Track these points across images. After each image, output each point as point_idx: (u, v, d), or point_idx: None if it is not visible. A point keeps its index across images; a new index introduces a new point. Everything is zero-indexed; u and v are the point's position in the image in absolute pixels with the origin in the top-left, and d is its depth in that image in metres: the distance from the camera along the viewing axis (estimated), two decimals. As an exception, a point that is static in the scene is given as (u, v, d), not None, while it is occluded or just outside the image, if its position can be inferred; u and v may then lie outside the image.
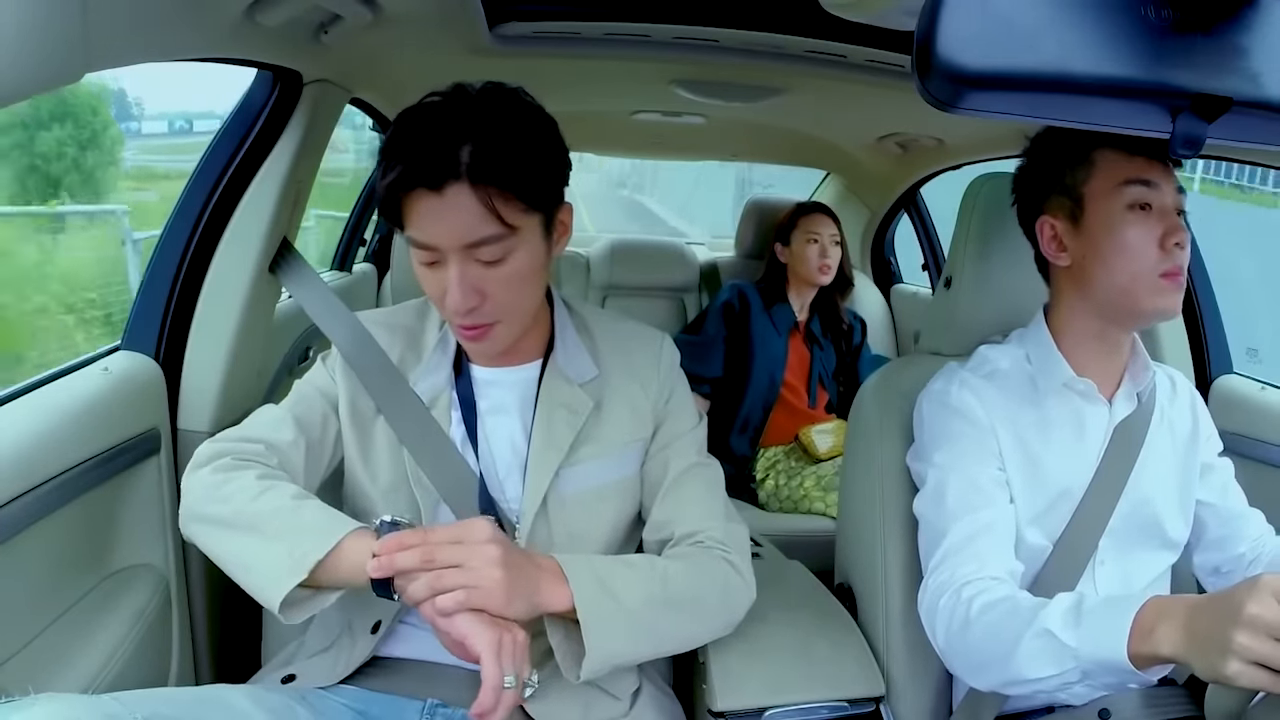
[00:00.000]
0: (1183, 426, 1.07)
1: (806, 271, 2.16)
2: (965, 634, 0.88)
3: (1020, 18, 0.51)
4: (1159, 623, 0.73)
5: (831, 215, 2.22)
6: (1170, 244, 0.92)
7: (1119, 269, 0.94)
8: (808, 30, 1.34)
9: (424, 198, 0.81)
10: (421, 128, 0.82)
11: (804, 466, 2.02)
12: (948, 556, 0.94)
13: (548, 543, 0.94)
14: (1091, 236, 0.95)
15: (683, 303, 2.66)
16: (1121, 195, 0.93)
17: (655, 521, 0.98)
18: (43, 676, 0.92)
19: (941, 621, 0.91)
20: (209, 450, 0.91)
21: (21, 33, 0.60)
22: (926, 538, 1.00)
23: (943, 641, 0.92)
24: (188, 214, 1.21)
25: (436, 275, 0.86)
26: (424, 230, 0.83)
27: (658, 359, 1.02)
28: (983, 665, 0.88)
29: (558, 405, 0.96)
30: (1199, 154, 0.64)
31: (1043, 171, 1.00)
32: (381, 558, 0.77)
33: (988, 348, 1.07)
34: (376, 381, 0.96)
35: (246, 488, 0.84)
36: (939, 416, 1.02)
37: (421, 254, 0.86)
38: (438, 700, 0.92)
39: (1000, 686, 0.87)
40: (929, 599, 0.94)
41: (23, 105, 0.85)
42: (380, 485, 0.94)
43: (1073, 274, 0.99)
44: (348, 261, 2.32)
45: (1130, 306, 0.95)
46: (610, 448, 0.97)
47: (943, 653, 0.93)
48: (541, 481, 0.93)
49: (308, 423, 0.95)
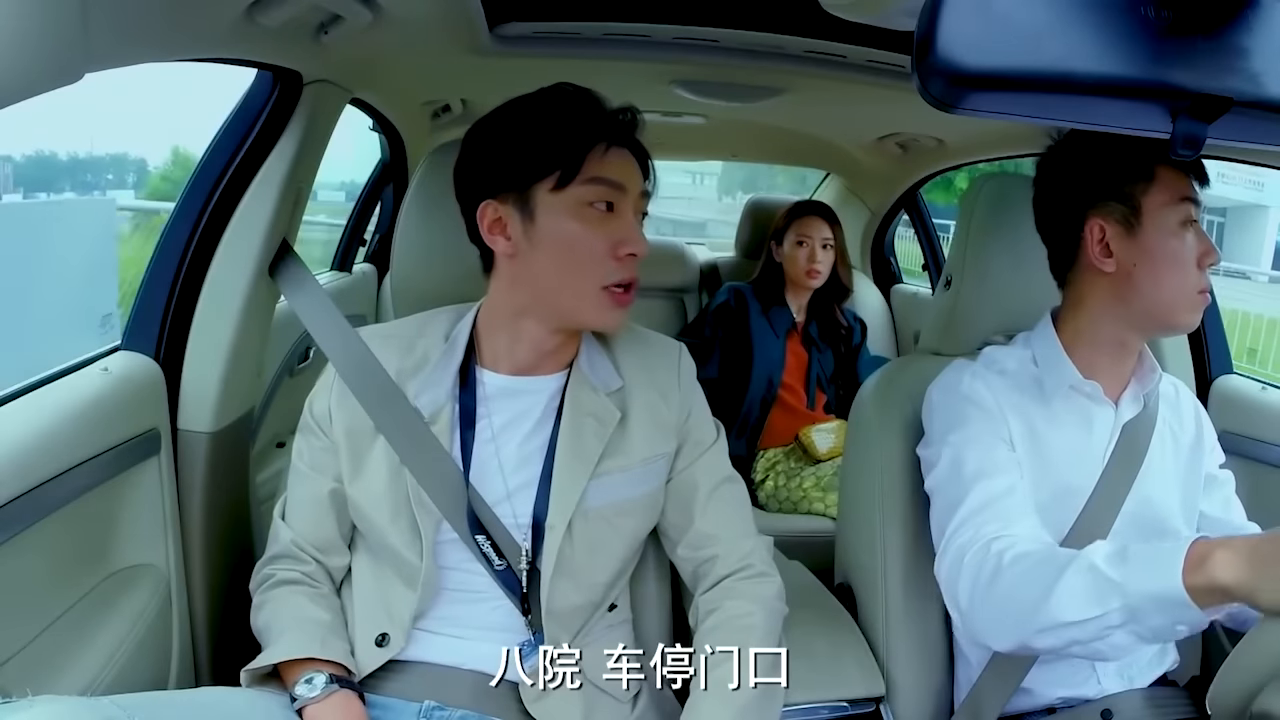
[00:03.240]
0: (1186, 433, 1.07)
1: (795, 274, 2.15)
2: (994, 585, 0.85)
3: (1020, 18, 0.51)
4: (1214, 550, 0.71)
5: (827, 217, 2.18)
6: (1206, 263, 0.95)
7: (1168, 283, 0.95)
8: (808, 30, 1.34)
9: (608, 149, 0.90)
10: (589, 97, 0.92)
11: (803, 467, 2.02)
12: (968, 519, 0.92)
13: (570, 560, 0.93)
14: (1146, 248, 0.96)
15: (682, 303, 2.66)
16: (1177, 212, 0.95)
17: (692, 539, 0.99)
18: (43, 677, 0.92)
19: (966, 578, 0.88)
20: (258, 577, 0.99)
21: (21, 33, 0.60)
22: (940, 508, 0.98)
23: (965, 601, 0.89)
24: (188, 214, 1.21)
25: (605, 225, 0.89)
26: (614, 169, 0.90)
27: (677, 370, 1.01)
28: (1012, 616, 0.83)
29: (585, 415, 0.94)
30: (1199, 154, 0.64)
31: (1095, 175, 0.98)
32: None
33: (994, 349, 1.07)
34: (373, 396, 0.95)
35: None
36: (951, 403, 1.01)
37: (603, 191, 0.89)
38: (435, 702, 0.91)
39: (1029, 640, 0.83)
40: (949, 562, 0.92)
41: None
42: (380, 506, 0.94)
43: (1114, 281, 0.98)
44: (348, 262, 2.32)
45: (1166, 319, 0.98)
46: (635, 461, 0.96)
47: (965, 614, 0.89)
48: (570, 495, 0.92)
49: (335, 492, 0.97)
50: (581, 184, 0.88)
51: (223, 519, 1.25)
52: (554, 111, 0.91)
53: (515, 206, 0.90)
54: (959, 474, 0.96)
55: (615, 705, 0.95)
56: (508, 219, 0.90)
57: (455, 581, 0.94)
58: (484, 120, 0.95)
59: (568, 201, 0.88)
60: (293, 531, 0.98)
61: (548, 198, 0.89)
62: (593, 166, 0.89)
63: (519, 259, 0.91)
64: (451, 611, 0.94)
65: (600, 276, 0.90)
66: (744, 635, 0.91)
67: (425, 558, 0.91)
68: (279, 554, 0.98)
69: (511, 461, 0.95)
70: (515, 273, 0.93)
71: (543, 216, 0.89)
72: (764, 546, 1.00)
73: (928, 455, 1.03)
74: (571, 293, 0.91)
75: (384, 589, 0.95)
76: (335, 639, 0.92)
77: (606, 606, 0.99)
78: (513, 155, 0.90)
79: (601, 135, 0.90)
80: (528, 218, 0.89)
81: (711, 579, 0.98)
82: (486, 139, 0.93)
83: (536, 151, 0.89)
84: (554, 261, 0.90)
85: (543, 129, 0.90)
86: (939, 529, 0.97)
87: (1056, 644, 0.81)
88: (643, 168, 0.94)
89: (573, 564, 0.93)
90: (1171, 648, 1.07)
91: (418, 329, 1.00)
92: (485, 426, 0.95)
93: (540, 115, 0.91)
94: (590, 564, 0.94)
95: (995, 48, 0.51)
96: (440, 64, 1.45)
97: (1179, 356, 1.56)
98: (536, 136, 0.89)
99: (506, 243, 0.91)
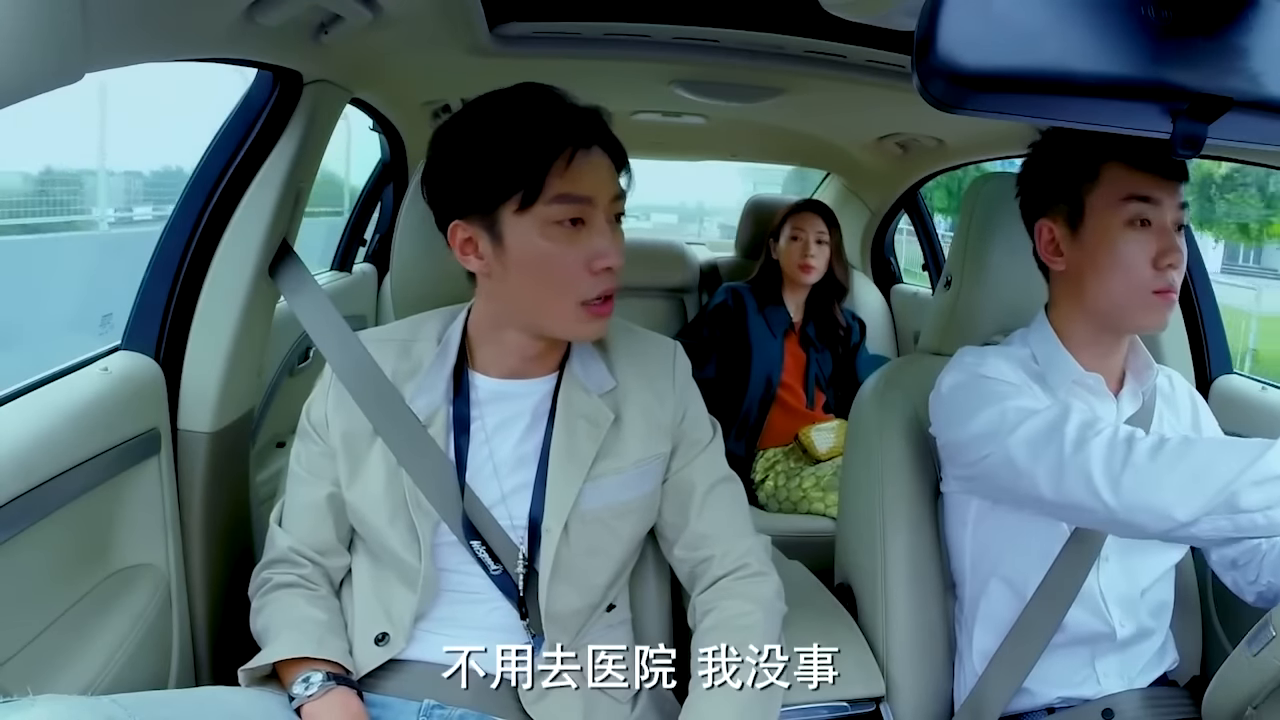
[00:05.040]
0: (1183, 426, 1.07)
1: (790, 268, 2.15)
2: (1159, 459, 0.82)
3: (1020, 18, 0.51)
4: None
5: (824, 214, 2.18)
6: (1164, 264, 0.93)
7: (1112, 283, 0.95)
8: (808, 30, 1.34)
9: (575, 157, 0.86)
10: (550, 98, 0.88)
11: (803, 467, 2.02)
12: (1073, 429, 0.87)
13: (568, 563, 0.92)
14: (1088, 247, 0.96)
15: (682, 303, 2.66)
16: (1122, 211, 0.94)
17: (689, 538, 0.98)
18: (43, 676, 0.92)
19: (1116, 461, 0.83)
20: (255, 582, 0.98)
21: (21, 33, 0.60)
22: (1024, 445, 0.90)
23: (1129, 479, 0.83)
24: (188, 214, 1.21)
25: (576, 241, 0.86)
26: (578, 183, 0.86)
27: (672, 370, 1.00)
28: (1205, 478, 0.80)
29: (578, 417, 0.94)
30: (1199, 154, 0.64)
31: (1048, 175, 1.00)
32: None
33: (993, 348, 1.07)
34: (371, 398, 0.95)
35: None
36: (973, 384, 0.97)
37: (570, 209, 0.86)
38: (434, 701, 0.91)
39: (1236, 495, 0.79)
40: (1084, 457, 0.85)
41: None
42: (379, 509, 0.93)
43: (1067, 280, 0.99)
44: (348, 262, 2.32)
45: (1119, 319, 0.97)
46: (630, 463, 0.95)
47: (1129, 490, 0.83)
48: (565, 498, 0.92)
49: (332, 496, 0.97)
50: (546, 203, 0.85)
51: (223, 519, 1.26)
52: (514, 123, 0.86)
53: (483, 228, 0.88)
54: (1026, 414, 0.91)
55: (614, 706, 0.95)
56: (478, 239, 0.89)
57: (454, 583, 0.94)
58: (447, 127, 0.91)
59: (535, 222, 0.86)
60: (290, 536, 0.98)
61: (513, 219, 0.86)
62: (556, 183, 0.85)
63: (494, 278, 0.90)
64: (451, 612, 0.94)
65: (577, 294, 0.88)
66: (742, 635, 0.91)
67: (424, 559, 0.91)
68: (276, 559, 0.98)
69: (506, 465, 0.94)
70: (492, 289, 0.92)
71: (511, 238, 0.87)
72: (761, 546, 1.00)
73: (952, 438, 0.99)
74: (549, 311, 0.89)
75: (383, 590, 0.95)
76: (332, 638, 0.92)
77: (605, 607, 0.99)
78: (474, 177, 0.87)
79: (565, 142, 0.85)
80: (496, 240, 0.87)
81: (708, 579, 0.97)
82: (449, 154, 0.90)
83: (497, 173, 0.85)
84: (528, 282, 0.88)
85: (502, 146, 0.86)
86: (1032, 461, 0.89)
87: (1264, 500, 0.78)
88: (618, 164, 0.91)
89: (571, 567, 0.93)
90: (1171, 647, 1.07)
91: (411, 332, 0.99)
92: (479, 429, 0.95)
93: (500, 128, 0.87)
94: (588, 566, 0.94)
95: (995, 48, 0.51)
96: (440, 64, 1.45)
97: (1179, 356, 1.56)
98: (496, 155, 0.86)
99: (480, 262, 0.90)
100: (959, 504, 1.06)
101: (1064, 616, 0.98)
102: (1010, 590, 1.01)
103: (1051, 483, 0.88)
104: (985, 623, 1.03)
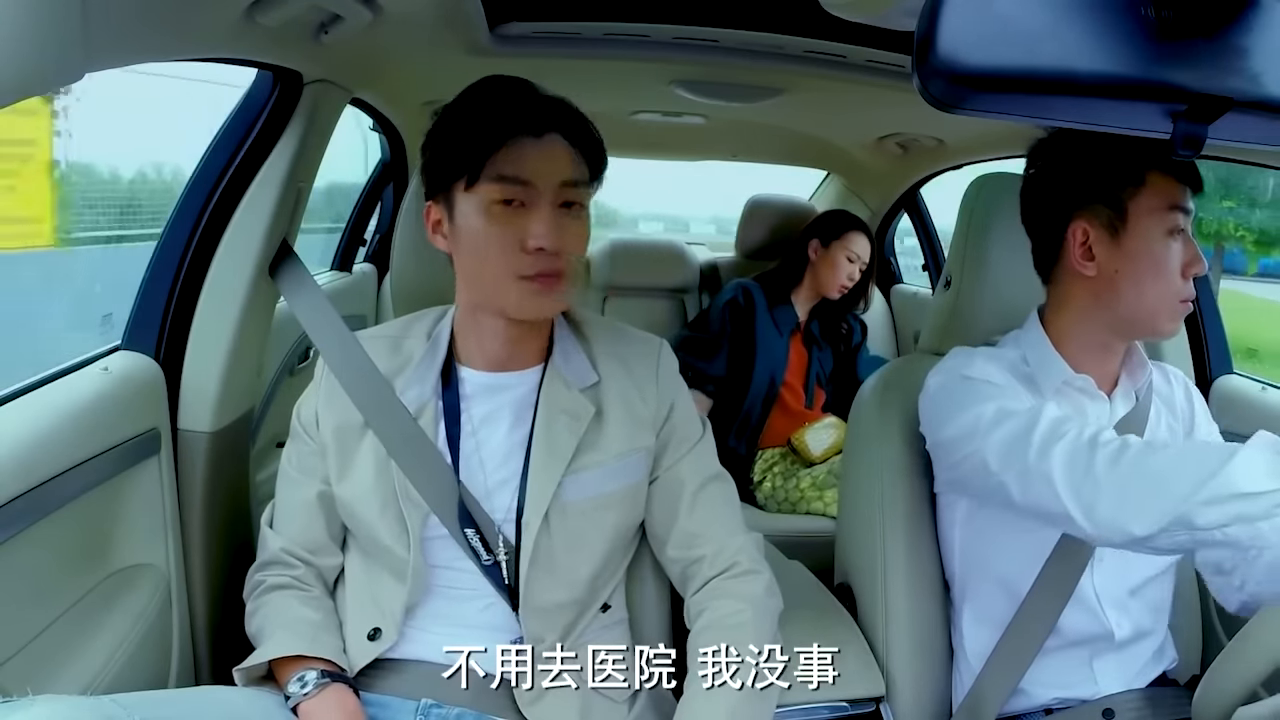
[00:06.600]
0: (1180, 423, 1.07)
1: (828, 281, 2.13)
2: (1119, 466, 0.80)
3: (1020, 18, 0.51)
4: None
5: (873, 242, 2.19)
6: (1191, 273, 0.94)
7: (1150, 291, 0.95)
8: (808, 30, 1.34)
9: (522, 142, 0.89)
10: (512, 87, 0.92)
11: (799, 468, 2.03)
12: (1042, 430, 0.86)
13: (549, 554, 0.93)
14: (1129, 253, 0.95)
15: (683, 303, 2.66)
16: (1165, 220, 0.94)
17: (679, 537, 0.98)
18: (43, 676, 0.92)
19: (1078, 468, 0.82)
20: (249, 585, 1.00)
21: (21, 33, 0.60)
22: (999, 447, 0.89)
23: (1091, 488, 0.81)
24: (188, 214, 1.21)
25: (513, 221, 0.88)
26: (519, 166, 0.88)
27: (656, 366, 1.01)
28: (1164, 491, 0.77)
29: (559, 411, 0.95)
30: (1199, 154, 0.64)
31: (1083, 176, 0.98)
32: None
33: (985, 350, 1.07)
34: (363, 393, 0.97)
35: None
36: (957, 385, 0.98)
37: (506, 190, 0.88)
38: (432, 700, 0.91)
39: (1190, 512, 0.75)
40: (1050, 465, 0.84)
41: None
42: (369, 501, 0.94)
43: (1095, 285, 0.98)
44: (348, 262, 2.32)
45: (1146, 326, 0.98)
46: (611, 455, 0.96)
47: (1093, 500, 0.81)
48: (545, 490, 0.93)
49: (323, 495, 0.98)
50: (487, 182, 0.89)
51: (223, 518, 1.26)
52: (469, 109, 0.92)
53: (444, 207, 0.93)
54: (1004, 416, 0.90)
55: (612, 706, 0.95)
56: (443, 219, 0.94)
57: (445, 579, 0.95)
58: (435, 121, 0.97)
59: (478, 200, 0.90)
60: (282, 537, 0.99)
61: (462, 197, 0.91)
62: (498, 164, 0.89)
63: (456, 257, 0.94)
64: (444, 609, 0.95)
65: (513, 269, 0.90)
66: (734, 634, 0.91)
67: (413, 551, 0.92)
68: (268, 560, 0.99)
69: (493, 457, 0.96)
70: (458, 269, 0.96)
71: (459, 216, 0.91)
72: (753, 544, 1.00)
73: (940, 439, 0.99)
74: (490, 285, 0.92)
75: (374, 584, 0.96)
76: (326, 636, 0.93)
77: (599, 607, 0.99)
78: (435, 159, 0.93)
79: (513, 127, 0.89)
80: (452, 219, 0.92)
81: (699, 580, 0.98)
82: (427, 143, 0.96)
83: (449, 153, 0.91)
84: (471, 257, 0.92)
85: (456, 129, 0.92)
86: (1003, 465, 0.89)
87: (1219, 519, 0.75)
88: (590, 157, 0.93)
89: (551, 558, 0.93)
90: (1170, 647, 1.07)
91: (403, 329, 1.02)
92: (466, 421, 0.96)
93: (458, 114, 0.93)
94: (570, 558, 0.94)
95: (995, 48, 0.51)
96: (440, 64, 1.45)
97: (1179, 356, 1.56)
98: (451, 137, 0.92)
99: (445, 241, 0.95)
100: (949, 504, 1.06)
101: (1059, 617, 0.98)
102: (1003, 590, 1.01)
103: (1020, 488, 0.88)
104: (979, 623, 1.04)
